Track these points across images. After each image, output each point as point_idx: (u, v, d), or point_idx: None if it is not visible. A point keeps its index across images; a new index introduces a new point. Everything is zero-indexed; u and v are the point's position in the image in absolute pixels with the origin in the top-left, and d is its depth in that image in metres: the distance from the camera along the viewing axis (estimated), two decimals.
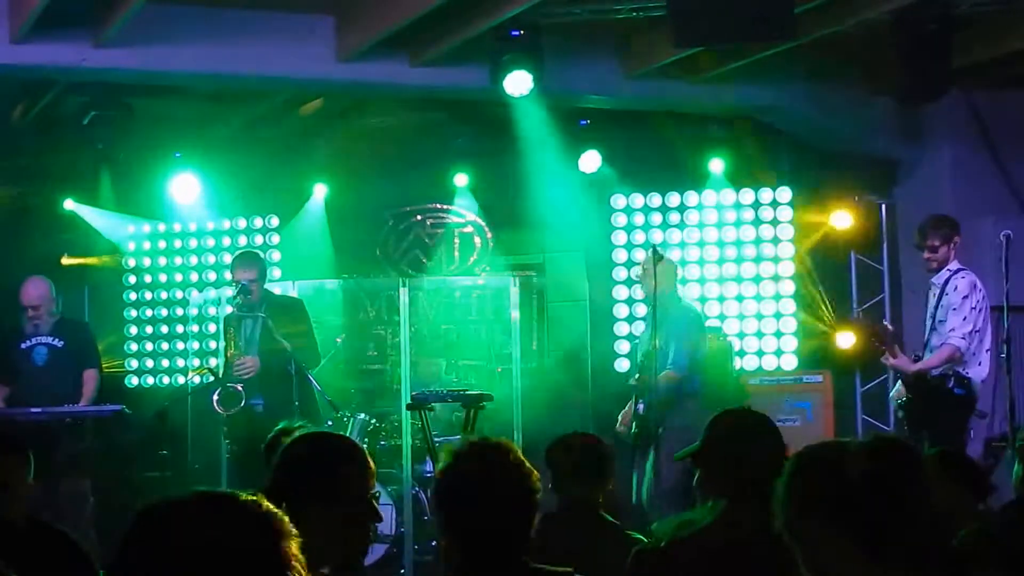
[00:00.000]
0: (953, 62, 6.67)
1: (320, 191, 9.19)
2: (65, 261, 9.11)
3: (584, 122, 8.55)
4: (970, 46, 7.07)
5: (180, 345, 9.21)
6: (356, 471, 2.76)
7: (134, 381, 9.22)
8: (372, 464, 2.80)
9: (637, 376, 6.65)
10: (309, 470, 2.75)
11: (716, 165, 8.53)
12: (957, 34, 6.59)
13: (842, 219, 8.38)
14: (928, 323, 6.71)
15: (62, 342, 7.38)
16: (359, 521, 2.75)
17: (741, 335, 8.35)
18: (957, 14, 6.57)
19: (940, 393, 6.52)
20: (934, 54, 6.55)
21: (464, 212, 9.57)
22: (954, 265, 6.64)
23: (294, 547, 1.61)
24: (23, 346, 7.36)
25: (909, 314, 8.45)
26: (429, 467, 7.61)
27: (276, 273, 8.64)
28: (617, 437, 6.67)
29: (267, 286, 7.32)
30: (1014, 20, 7.01)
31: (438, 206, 9.62)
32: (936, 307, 6.63)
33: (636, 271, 6.83)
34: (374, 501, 2.76)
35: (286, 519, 1.63)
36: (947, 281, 6.59)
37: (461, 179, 9.20)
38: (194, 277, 9.27)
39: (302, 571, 1.61)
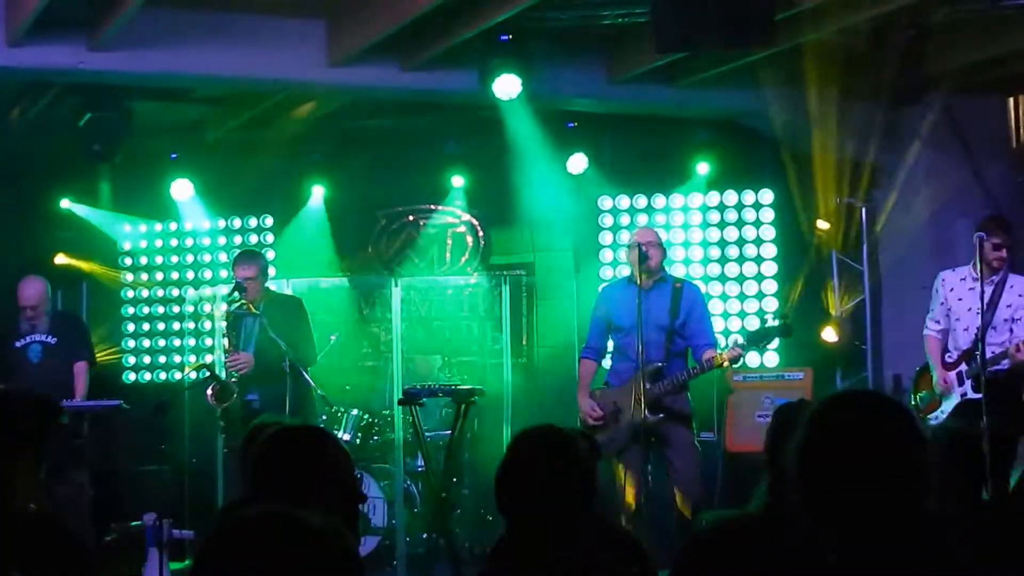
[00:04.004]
0: (929, 68, 6.83)
1: (315, 191, 9.32)
2: (60, 260, 9.21)
3: (571, 125, 8.70)
4: (945, 52, 7.23)
5: (176, 342, 9.37)
6: (335, 459, 2.84)
7: (131, 377, 9.37)
8: (346, 449, 2.91)
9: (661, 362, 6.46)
10: (288, 465, 2.80)
11: (701, 167, 8.70)
12: (933, 41, 6.75)
13: (823, 221, 8.55)
14: (984, 319, 6.24)
15: (55, 339, 7.40)
16: (346, 507, 2.82)
17: (725, 333, 8.50)
18: (933, 21, 6.73)
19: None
20: (910, 60, 6.71)
21: (456, 212, 9.72)
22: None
23: None
24: (17, 344, 7.39)
25: (888, 313, 8.65)
26: (420, 461, 7.75)
27: (271, 272, 8.76)
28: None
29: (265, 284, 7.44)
30: (988, 27, 7.15)
31: (431, 207, 9.74)
32: (994, 304, 6.33)
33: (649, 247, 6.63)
34: (355, 483, 2.90)
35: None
36: (1005, 279, 6.41)
37: (458, 180, 9.31)
38: (190, 275, 9.42)
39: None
